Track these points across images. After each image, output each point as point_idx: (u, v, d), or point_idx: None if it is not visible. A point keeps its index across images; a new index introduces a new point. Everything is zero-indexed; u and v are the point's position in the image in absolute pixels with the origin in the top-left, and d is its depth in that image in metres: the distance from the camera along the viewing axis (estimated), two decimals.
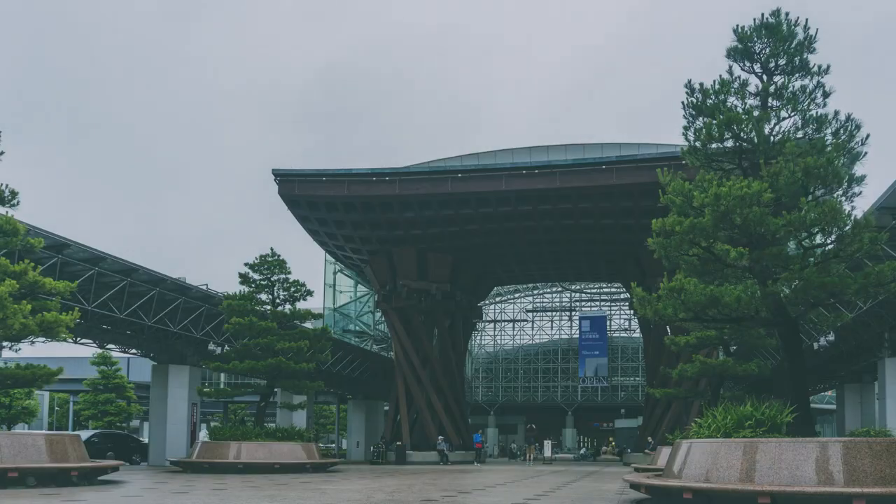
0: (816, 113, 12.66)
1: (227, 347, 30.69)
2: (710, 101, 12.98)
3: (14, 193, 17.35)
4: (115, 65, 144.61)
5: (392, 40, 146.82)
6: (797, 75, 12.89)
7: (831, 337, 28.42)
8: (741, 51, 13.05)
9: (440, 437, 39.58)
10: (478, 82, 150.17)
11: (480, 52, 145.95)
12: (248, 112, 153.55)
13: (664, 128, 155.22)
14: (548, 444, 46.35)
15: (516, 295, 68.12)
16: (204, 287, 29.43)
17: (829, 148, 12.03)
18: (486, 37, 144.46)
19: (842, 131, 12.35)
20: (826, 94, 12.73)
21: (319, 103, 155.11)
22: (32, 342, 18.45)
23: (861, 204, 34.46)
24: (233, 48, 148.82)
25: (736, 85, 13.02)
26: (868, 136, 12.29)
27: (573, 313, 68.70)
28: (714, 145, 13.14)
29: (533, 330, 70.02)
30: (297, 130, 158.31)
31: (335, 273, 52.50)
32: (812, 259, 12.21)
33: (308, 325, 30.29)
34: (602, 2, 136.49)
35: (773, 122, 12.84)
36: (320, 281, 52.49)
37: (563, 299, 69.45)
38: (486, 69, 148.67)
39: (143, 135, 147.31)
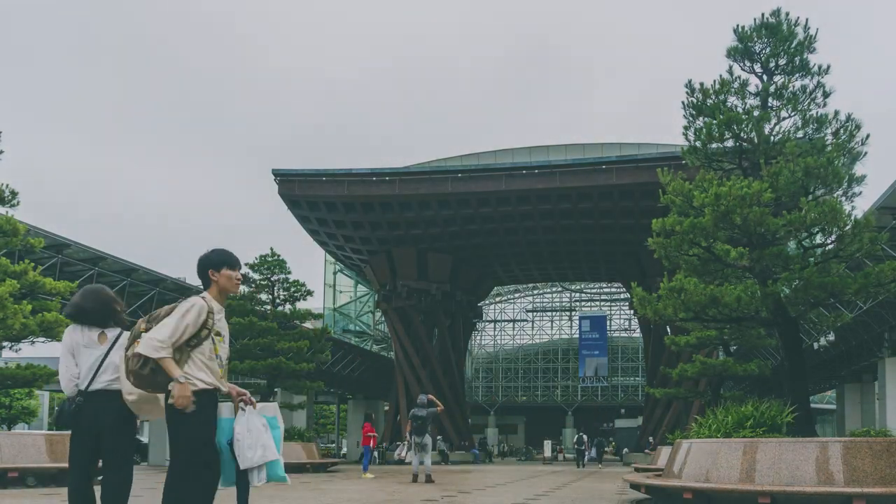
0: (816, 113, 12.63)
1: None
2: (711, 100, 12.96)
3: (14, 193, 17.35)
4: (113, 60, 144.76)
5: (396, 39, 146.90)
6: (797, 75, 12.87)
7: (831, 337, 28.43)
8: (741, 50, 13.03)
9: (440, 437, 39.60)
10: (477, 82, 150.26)
11: (477, 48, 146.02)
12: (248, 111, 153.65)
13: (664, 128, 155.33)
14: (548, 444, 46.44)
15: (516, 295, 68.12)
16: None
17: (829, 148, 12.02)
18: (483, 33, 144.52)
19: (842, 131, 12.33)
20: (826, 94, 12.71)
21: (320, 103, 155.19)
22: (32, 342, 18.45)
23: (861, 204, 34.46)
24: (236, 47, 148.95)
25: (736, 85, 13.00)
26: (868, 135, 12.28)
27: (573, 313, 68.67)
28: (714, 145, 13.13)
29: (533, 330, 70.02)
30: (298, 129, 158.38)
31: (335, 273, 52.53)
32: (812, 259, 12.20)
33: (308, 325, 30.29)
34: (603, 1, 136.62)
35: (773, 121, 12.82)
36: (320, 281, 52.60)
37: (563, 299, 69.42)
38: (484, 69, 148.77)
39: (143, 132, 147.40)
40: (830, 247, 12.23)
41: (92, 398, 4.66)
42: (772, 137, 12.77)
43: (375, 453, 42.48)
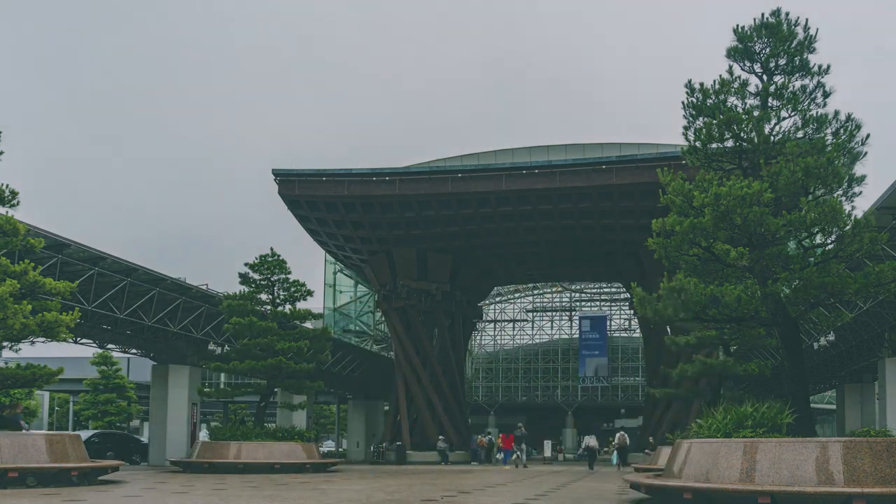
0: (816, 113, 12.65)
1: (227, 347, 30.67)
2: (711, 101, 12.98)
3: (14, 193, 17.35)
4: (115, 58, 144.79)
5: (392, 40, 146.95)
6: (797, 75, 12.89)
7: (831, 337, 28.43)
8: (741, 51, 13.05)
9: (440, 437, 39.57)
10: (477, 81, 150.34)
11: (479, 49, 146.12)
12: (248, 111, 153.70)
13: (664, 128, 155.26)
14: (547, 444, 46.44)
15: (516, 295, 68.05)
16: (204, 287, 29.43)
17: (829, 148, 12.03)
18: (482, 34, 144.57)
19: (842, 131, 12.34)
20: (826, 94, 12.74)
21: (319, 102, 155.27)
22: (32, 342, 18.45)
23: (861, 204, 34.47)
24: (234, 46, 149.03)
25: (736, 85, 13.01)
26: (868, 135, 12.30)
27: (573, 313, 68.64)
28: (714, 145, 13.14)
29: (533, 330, 69.97)
30: (297, 130, 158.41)
31: (335, 273, 52.49)
32: (812, 259, 12.22)
33: (308, 325, 30.29)
34: (601, 1, 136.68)
35: (773, 121, 12.83)
36: (320, 281, 52.50)
37: (563, 299, 69.38)
38: (484, 67, 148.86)
39: (143, 133, 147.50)
40: (830, 247, 12.23)
41: None
42: (772, 137, 12.77)
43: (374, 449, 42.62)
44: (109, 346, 33.15)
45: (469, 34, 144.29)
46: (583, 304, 69.12)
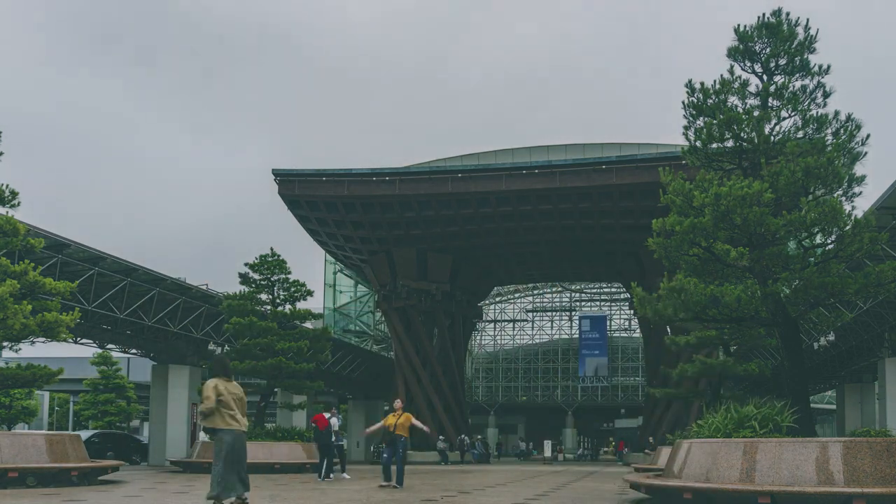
0: (817, 113, 12.65)
1: (227, 347, 30.67)
2: (711, 100, 12.98)
3: (14, 193, 17.34)
4: (113, 56, 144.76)
5: (388, 38, 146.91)
6: (798, 75, 12.89)
7: (831, 337, 28.45)
8: (742, 50, 13.04)
9: (440, 437, 39.57)
10: (476, 81, 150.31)
11: (478, 49, 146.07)
12: (247, 110, 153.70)
13: (664, 128, 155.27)
14: (547, 445, 46.47)
15: (516, 295, 68.06)
16: (204, 287, 29.43)
17: (829, 148, 12.03)
18: (483, 34, 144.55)
19: (842, 131, 12.34)
20: (826, 94, 12.74)
21: (319, 102, 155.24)
22: (33, 342, 18.46)
23: (861, 204, 34.51)
24: (234, 45, 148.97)
25: (736, 85, 13.01)
26: (868, 135, 12.30)
27: (573, 313, 68.63)
28: (714, 145, 13.14)
29: (533, 330, 69.97)
30: (296, 130, 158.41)
31: (335, 273, 52.52)
32: (812, 259, 12.22)
33: (308, 325, 30.28)
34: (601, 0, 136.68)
35: (773, 121, 12.83)
36: (320, 281, 52.57)
37: (563, 299, 69.38)
38: (483, 67, 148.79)
39: (141, 133, 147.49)
40: (830, 247, 12.24)
41: None
42: (772, 137, 12.78)
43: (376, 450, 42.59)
44: (109, 346, 33.16)
45: (470, 34, 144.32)
46: (583, 304, 69.13)
